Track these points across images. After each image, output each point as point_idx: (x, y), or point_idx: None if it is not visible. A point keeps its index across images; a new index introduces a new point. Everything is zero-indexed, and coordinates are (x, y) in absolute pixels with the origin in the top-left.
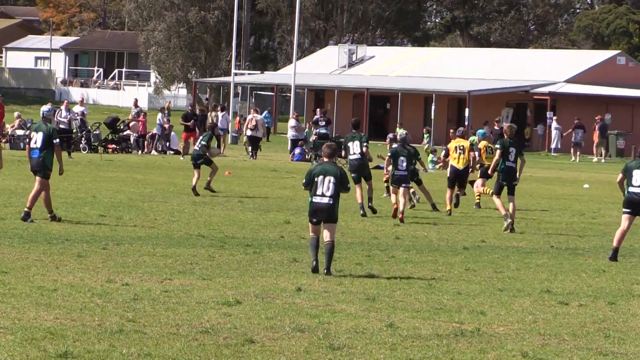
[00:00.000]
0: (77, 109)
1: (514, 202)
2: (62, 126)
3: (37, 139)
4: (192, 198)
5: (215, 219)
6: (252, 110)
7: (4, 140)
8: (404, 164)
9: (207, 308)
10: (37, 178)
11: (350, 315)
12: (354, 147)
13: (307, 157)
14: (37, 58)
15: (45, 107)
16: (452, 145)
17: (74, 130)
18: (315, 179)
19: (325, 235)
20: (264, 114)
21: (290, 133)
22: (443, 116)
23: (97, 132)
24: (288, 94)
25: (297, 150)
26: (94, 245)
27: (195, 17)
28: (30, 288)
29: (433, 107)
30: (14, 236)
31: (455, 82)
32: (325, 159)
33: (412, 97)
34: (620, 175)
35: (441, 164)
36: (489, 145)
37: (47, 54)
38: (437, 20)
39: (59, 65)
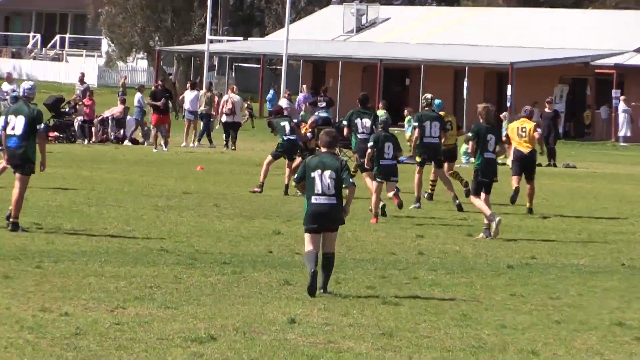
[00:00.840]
0: (6, 87)
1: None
2: None
3: (15, 124)
4: (153, 201)
5: (183, 228)
6: (229, 89)
7: None
8: (390, 151)
9: (172, 346)
10: (17, 175)
11: (361, 356)
12: (364, 125)
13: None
14: None
15: (27, 84)
16: (513, 126)
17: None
18: (312, 175)
19: (324, 245)
20: (270, 94)
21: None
22: (478, 95)
23: None
24: (279, 67)
25: None
26: (24, 263)
27: None
28: None
29: (466, 84)
30: None
31: (494, 52)
32: (324, 149)
33: (438, 70)
34: None
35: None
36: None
37: None
38: None
39: None
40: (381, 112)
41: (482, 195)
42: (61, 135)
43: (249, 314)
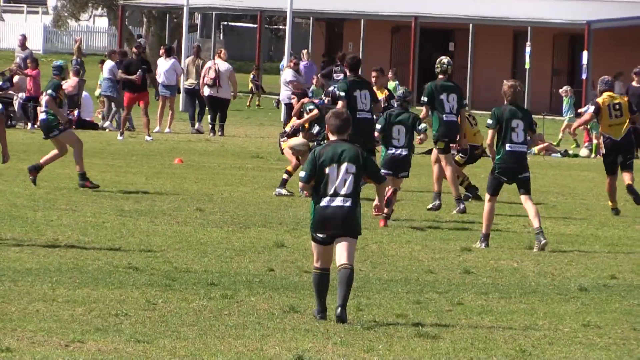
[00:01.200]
0: None
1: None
2: None
3: None
4: (118, 204)
5: (157, 239)
6: (215, 54)
7: None
8: (402, 136)
9: None
10: None
11: None
12: (362, 101)
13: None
14: None
15: None
16: (602, 100)
17: None
18: (325, 171)
19: (340, 257)
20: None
21: (285, 93)
22: (545, 63)
23: None
24: (281, 27)
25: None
26: None
27: None
28: None
29: (528, 49)
30: None
31: (565, 7)
32: (333, 137)
33: (492, 31)
34: None
35: (543, 146)
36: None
37: None
38: None
39: None
40: (392, 85)
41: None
42: None
43: (244, 350)
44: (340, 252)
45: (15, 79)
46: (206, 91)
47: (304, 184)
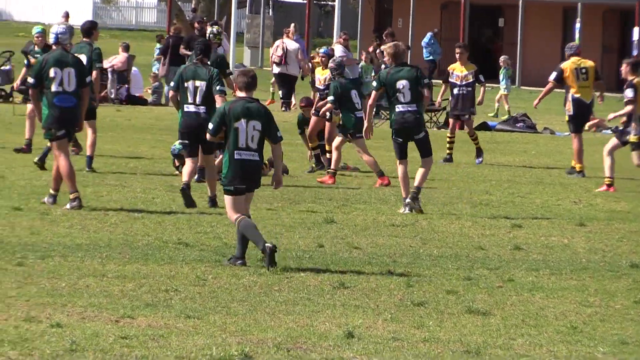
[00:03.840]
0: None
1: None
2: None
3: None
4: (168, 180)
5: (207, 216)
6: (284, 34)
7: None
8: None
9: None
10: None
11: None
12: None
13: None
14: None
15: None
16: (567, 66)
17: None
18: (235, 125)
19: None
20: (426, 37)
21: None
22: (595, 40)
23: (8, 67)
24: (331, 3)
25: None
26: (2, 259)
27: None
28: None
29: (577, 25)
30: None
31: None
32: (242, 93)
33: (541, 7)
34: None
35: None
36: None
37: None
38: None
39: None
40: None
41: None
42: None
43: (294, 325)
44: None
45: None
46: (275, 69)
47: (211, 136)
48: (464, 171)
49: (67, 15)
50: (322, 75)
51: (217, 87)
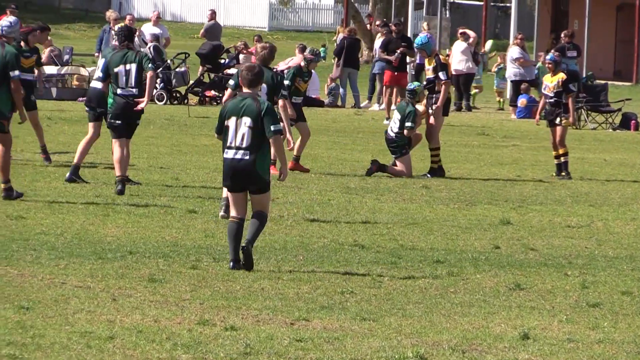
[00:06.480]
0: (149, 30)
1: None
2: None
3: None
4: (344, 182)
5: (382, 216)
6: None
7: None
8: None
9: None
10: None
11: None
12: None
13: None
14: None
15: (5, 21)
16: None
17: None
18: (226, 123)
19: (253, 206)
20: None
21: (512, 70)
22: None
23: (183, 69)
24: (508, 5)
25: (522, 101)
26: (176, 262)
27: None
28: (69, 335)
29: None
30: (42, 245)
31: None
32: (245, 89)
33: None
34: None
35: None
36: None
37: None
38: None
39: None
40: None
41: None
42: (220, 95)
43: (470, 327)
44: (253, 202)
45: (241, 57)
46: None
47: (217, 136)
48: (639, 172)
49: (213, 14)
50: (550, 83)
51: None
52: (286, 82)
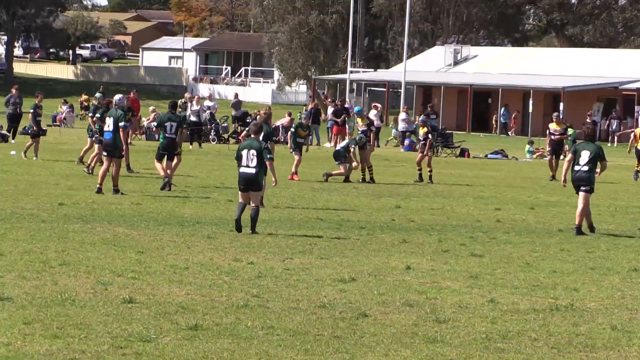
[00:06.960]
0: (207, 103)
1: None
2: (193, 119)
3: (109, 123)
4: (310, 185)
5: (332, 203)
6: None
7: (139, 132)
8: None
9: (325, 285)
10: (109, 157)
11: (455, 292)
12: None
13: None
14: (170, 57)
15: (117, 96)
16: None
17: (204, 123)
18: (241, 153)
19: (251, 201)
20: None
21: (402, 125)
22: (540, 110)
23: (225, 124)
24: (399, 90)
25: (407, 142)
26: (222, 228)
27: (315, 20)
28: (164, 266)
29: (531, 102)
30: (149, 219)
31: (551, 79)
32: (253, 135)
33: (511, 92)
34: None
35: (539, 154)
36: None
37: (179, 54)
38: (534, 23)
39: (190, 64)
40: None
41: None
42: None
43: (378, 262)
44: (251, 196)
45: (258, 117)
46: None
47: (236, 161)
48: (470, 179)
49: (236, 96)
50: (421, 132)
51: None
52: (292, 130)
